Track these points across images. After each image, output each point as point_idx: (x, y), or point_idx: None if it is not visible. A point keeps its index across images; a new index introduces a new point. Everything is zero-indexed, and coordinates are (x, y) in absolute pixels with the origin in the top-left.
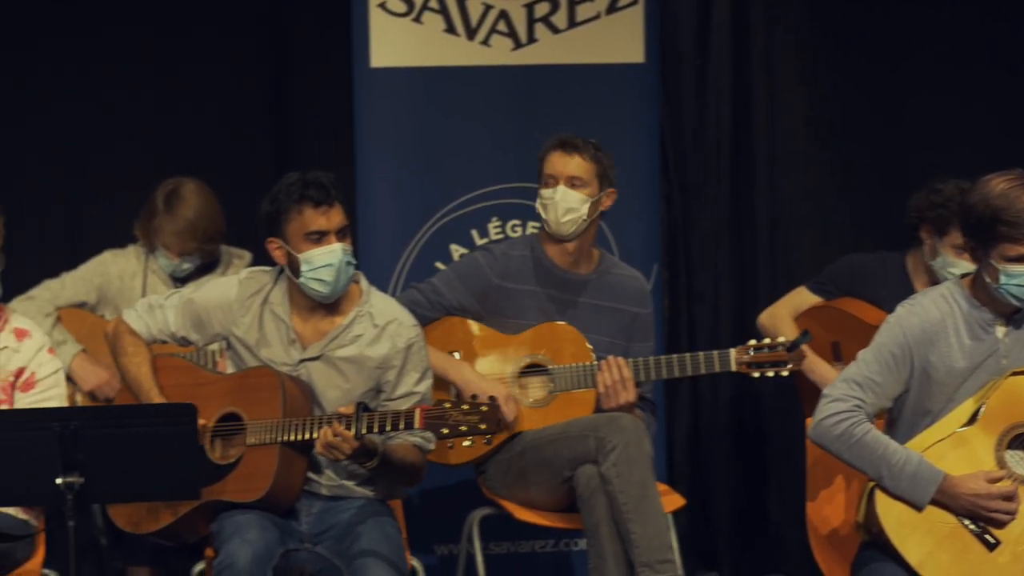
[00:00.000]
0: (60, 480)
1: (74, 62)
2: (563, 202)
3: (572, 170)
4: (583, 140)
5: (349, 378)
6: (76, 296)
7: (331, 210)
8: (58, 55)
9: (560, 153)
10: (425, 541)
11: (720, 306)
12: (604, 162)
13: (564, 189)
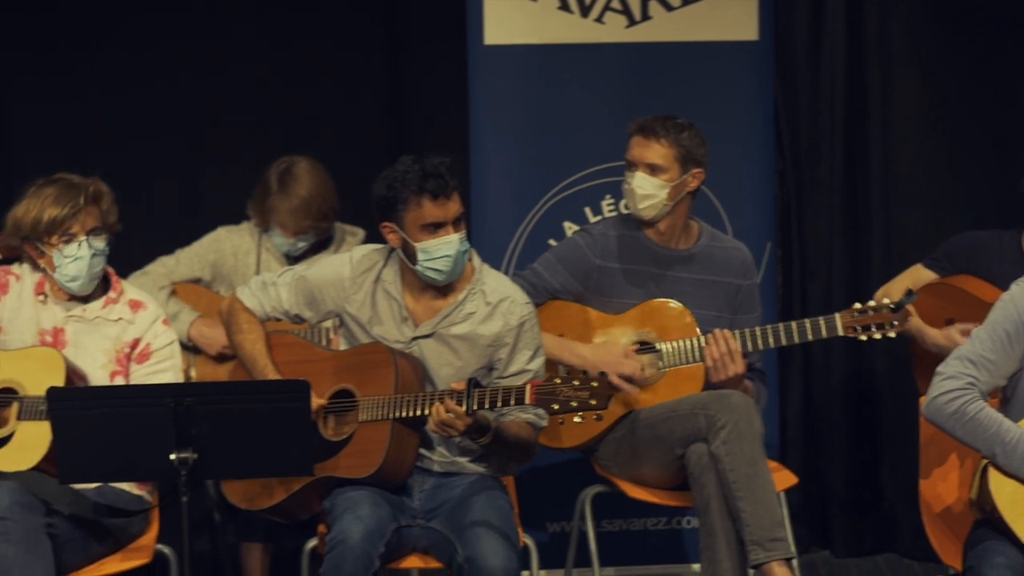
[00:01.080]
0: (174, 456)
1: (190, 35)
2: (640, 189)
3: (650, 156)
4: (664, 123)
5: (461, 356)
6: (190, 272)
7: (448, 202)
8: (175, 28)
9: (639, 138)
10: (537, 518)
11: (833, 283)
12: (687, 144)
13: (642, 175)
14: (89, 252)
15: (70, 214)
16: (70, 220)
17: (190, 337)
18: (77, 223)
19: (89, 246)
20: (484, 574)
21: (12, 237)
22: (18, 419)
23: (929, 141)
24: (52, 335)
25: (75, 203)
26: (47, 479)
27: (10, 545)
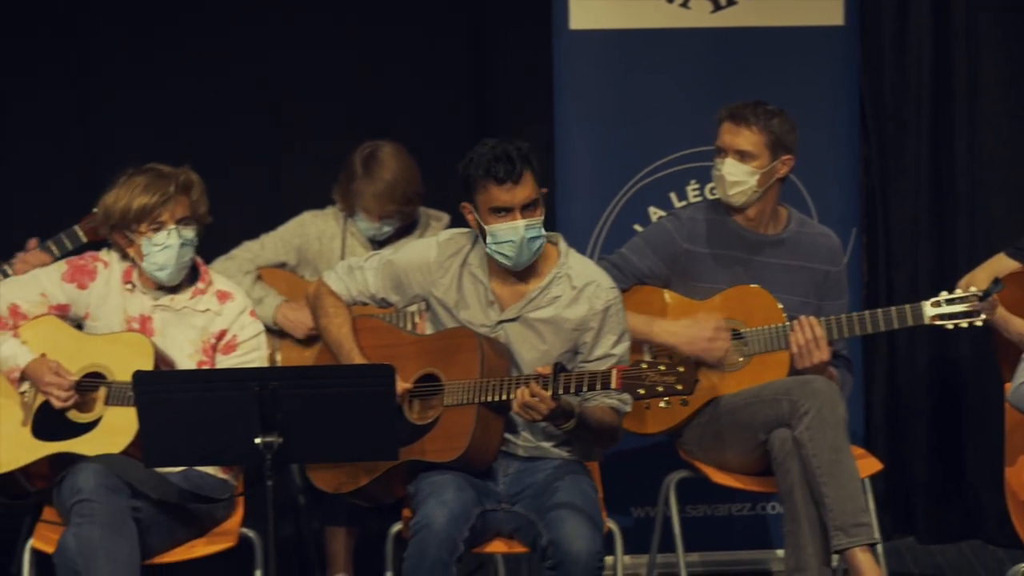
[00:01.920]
0: (259, 440)
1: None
2: (729, 175)
3: (740, 143)
4: (755, 109)
5: (546, 339)
6: (275, 257)
7: (516, 187)
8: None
9: (729, 125)
10: (622, 503)
11: (919, 270)
12: (777, 130)
13: (731, 162)
14: (178, 241)
15: (160, 202)
16: (160, 208)
17: (276, 321)
18: (167, 211)
19: (178, 235)
20: (568, 557)
21: (102, 225)
22: (106, 404)
23: (1016, 127)
24: (139, 323)
25: (165, 191)
26: (133, 463)
27: (95, 527)
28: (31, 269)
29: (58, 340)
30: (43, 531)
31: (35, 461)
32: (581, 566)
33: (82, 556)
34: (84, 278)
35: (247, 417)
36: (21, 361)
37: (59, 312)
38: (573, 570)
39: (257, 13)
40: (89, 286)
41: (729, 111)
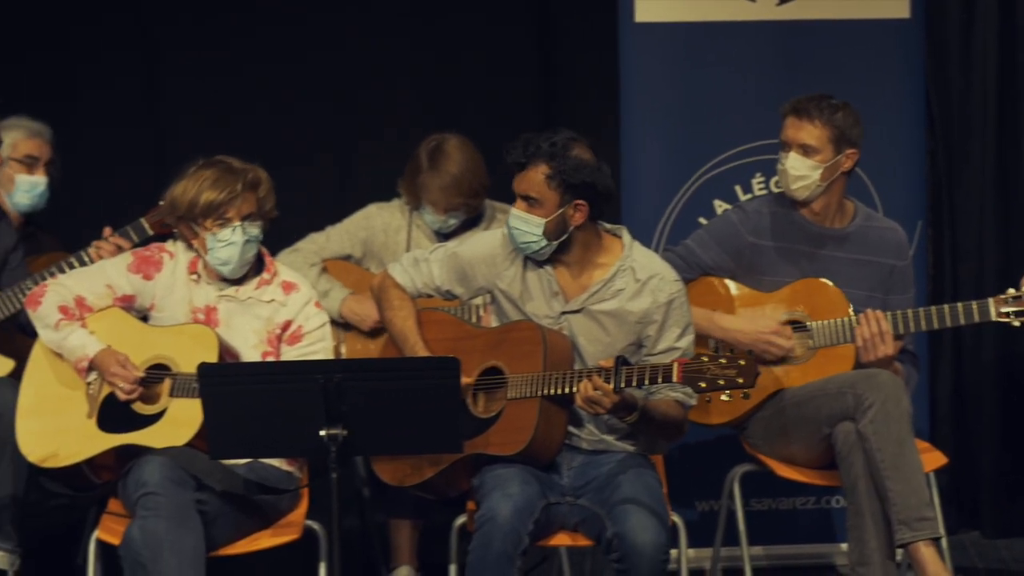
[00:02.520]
0: (324, 432)
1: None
2: (793, 170)
3: (803, 137)
4: (819, 103)
5: (610, 332)
6: (341, 249)
7: (520, 173)
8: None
9: (793, 119)
10: (686, 496)
11: (985, 263)
12: (841, 124)
13: (795, 156)
14: (242, 238)
15: (227, 199)
16: (226, 205)
17: (341, 314)
18: (233, 208)
19: (243, 232)
20: (633, 550)
21: (168, 214)
22: (170, 396)
23: None
24: (204, 314)
25: (232, 188)
26: (199, 455)
27: (161, 520)
28: (107, 256)
29: (123, 332)
30: (108, 523)
31: (100, 453)
32: (646, 559)
33: (147, 548)
34: (150, 269)
35: (312, 409)
36: (90, 351)
37: (124, 303)
38: (638, 563)
39: (327, 2)
40: (155, 277)
41: (793, 105)
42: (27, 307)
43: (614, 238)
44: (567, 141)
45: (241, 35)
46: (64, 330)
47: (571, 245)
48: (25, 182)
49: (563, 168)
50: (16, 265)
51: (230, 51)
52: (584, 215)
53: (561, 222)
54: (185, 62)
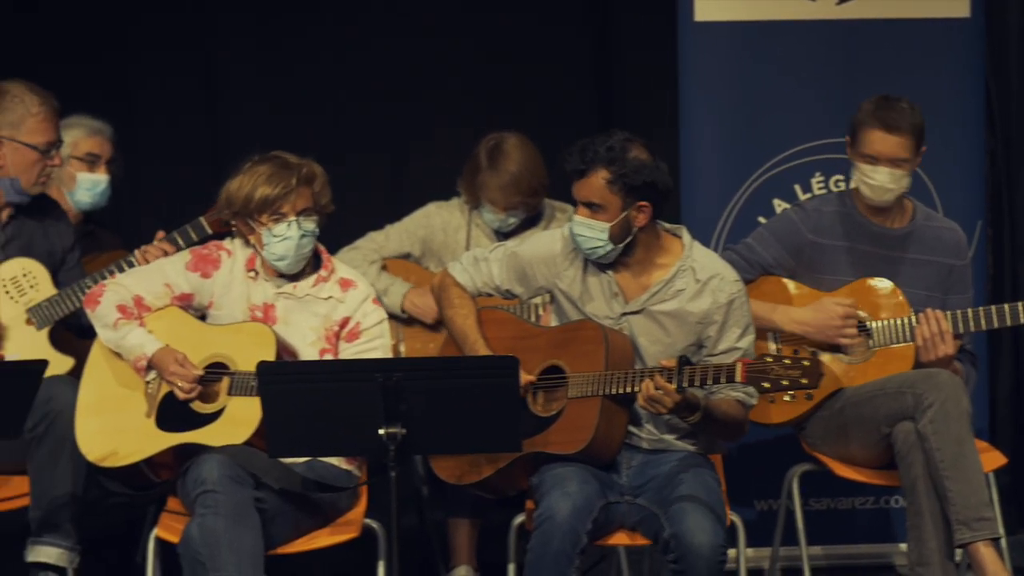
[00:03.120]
0: (383, 431)
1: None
2: (887, 183)
3: (896, 151)
4: (901, 111)
5: (670, 332)
6: (400, 247)
7: (579, 181)
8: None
9: (882, 133)
10: (744, 496)
11: None
12: (921, 127)
13: (886, 171)
14: (298, 233)
15: (281, 194)
16: (281, 200)
17: (404, 309)
18: (288, 203)
19: (299, 227)
20: (691, 550)
21: (224, 210)
22: (228, 394)
23: None
24: (262, 311)
25: (287, 183)
26: (257, 453)
27: (219, 518)
28: (155, 260)
29: (181, 331)
30: (168, 521)
31: (159, 452)
32: (704, 560)
33: (206, 547)
34: (208, 267)
35: (371, 408)
36: (148, 350)
37: (183, 302)
38: (696, 564)
39: (385, 1)
40: (213, 275)
41: (879, 118)
42: (86, 306)
43: (674, 238)
44: (624, 143)
45: (298, 32)
46: (122, 329)
47: (634, 246)
48: (86, 180)
49: (623, 171)
50: (73, 265)
51: (287, 48)
52: (647, 216)
53: (625, 225)
54: (242, 60)
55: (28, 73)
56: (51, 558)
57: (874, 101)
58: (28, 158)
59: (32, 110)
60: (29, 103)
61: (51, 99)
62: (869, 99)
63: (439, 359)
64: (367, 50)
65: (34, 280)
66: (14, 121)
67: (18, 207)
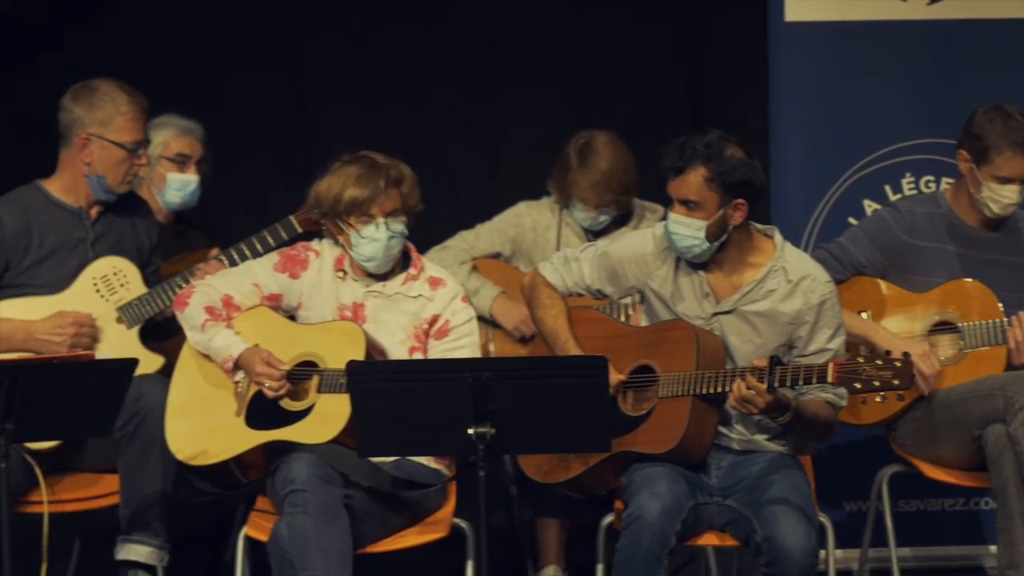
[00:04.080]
0: (472, 430)
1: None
2: (1015, 199)
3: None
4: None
5: (761, 333)
6: (490, 247)
7: (675, 179)
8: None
9: (1011, 154)
10: (834, 497)
11: None
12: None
13: (1017, 188)
14: (386, 235)
15: (370, 196)
16: (369, 202)
17: (491, 313)
18: (376, 205)
19: (387, 228)
20: (783, 554)
21: (313, 210)
22: (318, 392)
23: None
24: (352, 310)
25: (376, 185)
26: (346, 452)
27: (308, 517)
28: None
29: (270, 330)
30: (257, 520)
31: (248, 450)
32: (796, 563)
33: (295, 545)
34: (296, 268)
35: (460, 407)
36: (234, 351)
37: (272, 302)
38: (788, 566)
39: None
40: (301, 275)
41: (1015, 141)
42: (175, 309)
43: (766, 238)
44: (720, 141)
45: (388, 31)
46: (210, 331)
47: (727, 245)
48: (176, 180)
49: (721, 169)
50: (155, 267)
51: (377, 47)
52: (744, 214)
53: (721, 223)
54: (332, 55)
55: (119, 71)
56: (141, 556)
57: (997, 120)
58: (115, 156)
59: (121, 109)
60: (118, 102)
61: (140, 98)
62: (985, 113)
63: (528, 358)
64: (457, 49)
65: (124, 279)
66: (103, 119)
67: (106, 205)
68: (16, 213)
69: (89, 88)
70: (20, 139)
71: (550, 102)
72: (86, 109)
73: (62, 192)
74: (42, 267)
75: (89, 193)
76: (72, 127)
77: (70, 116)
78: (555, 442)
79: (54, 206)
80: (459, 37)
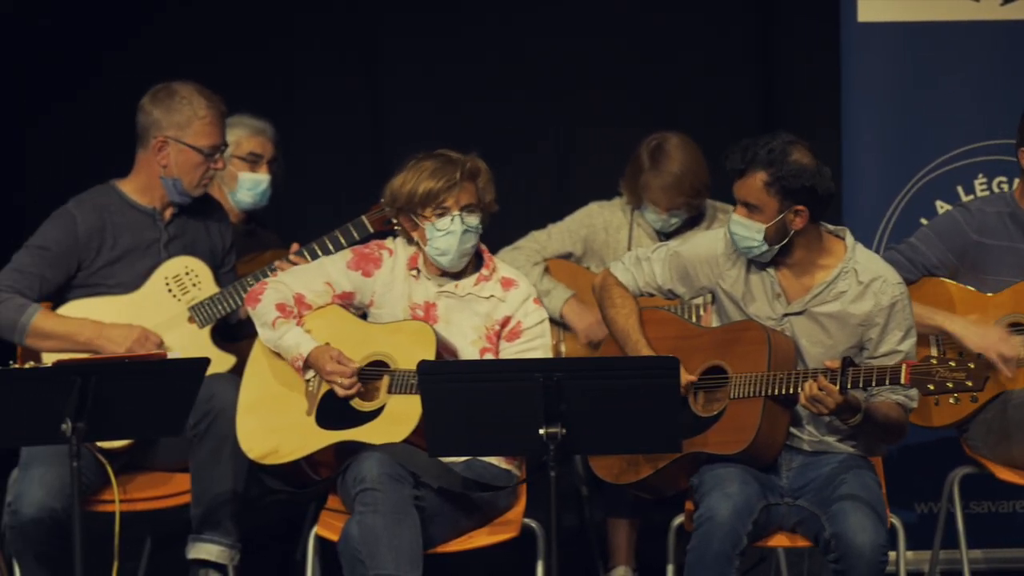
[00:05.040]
0: (543, 430)
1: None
2: None
3: None
4: None
5: (832, 334)
6: (562, 247)
7: (739, 179)
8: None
9: None
10: (905, 498)
11: None
12: None
13: None
14: (461, 228)
15: (445, 187)
16: (445, 194)
17: (562, 315)
18: (451, 197)
19: (462, 221)
20: (852, 551)
21: (388, 207)
22: (388, 392)
23: None
24: (423, 310)
25: (451, 177)
26: (417, 452)
27: (378, 516)
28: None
29: (342, 329)
30: (327, 519)
31: (319, 450)
32: (865, 560)
33: (365, 545)
34: (369, 266)
35: (531, 407)
36: (304, 349)
37: (344, 300)
38: (857, 564)
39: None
40: (374, 274)
41: None
42: (247, 304)
43: (837, 239)
44: (785, 146)
45: (461, 30)
46: (280, 328)
47: (793, 248)
48: (248, 180)
49: (781, 175)
50: (229, 268)
51: (450, 46)
52: (804, 220)
53: (781, 227)
54: (405, 55)
55: (193, 71)
56: (212, 555)
57: None
58: (192, 160)
59: (199, 113)
60: (196, 105)
61: (218, 102)
62: None
63: (600, 359)
64: (529, 49)
65: (197, 279)
66: (180, 123)
67: (180, 206)
68: (90, 213)
69: (168, 91)
70: (95, 138)
71: (622, 102)
72: (164, 112)
73: (137, 193)
74: (115, 267)
75: (164, 195)
76: (150, 129)
77: (148, 118)
78: (626, 443)
79: (128, 207)
80: (531, 37)
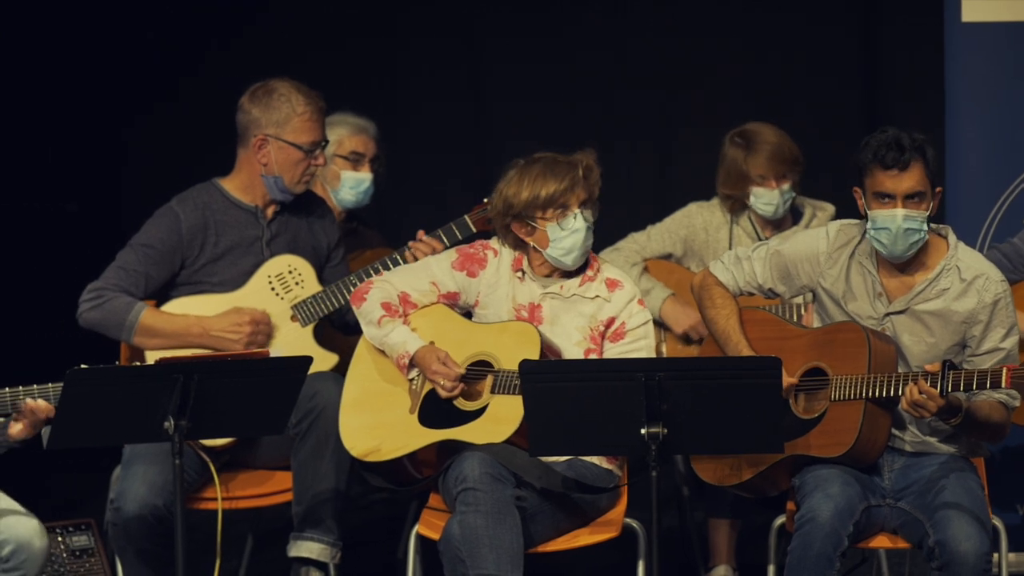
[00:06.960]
0: (644, 430)
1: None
2: None
3: None
4: None
5: (934, 332)
6: (662, 248)
7: (901, 175)
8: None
9: None
10: (1007, 500)
11: None
12: None
13: None
14: (584, 225)
15: (568, 187)
16: (568, 194)
17: (661, 315)
18: (573, 196)
19: (583, 219)
20: (956, 558)
21: (501, 216)
22: (491, 393)
23: None
24: (528, 311)
25: (573, 176)
26: (518, 452)
27: (480, 515)
28: (423, 257)
29: (446, 329)
30: (428, 518)
31: (421, 448)
32: (969, 567)
33: (466, 544)
34: (474, 266)
35: (633, 407)
36: (411, 348)
37: (448, 300)
38: (961, 571)
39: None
40: (479, 274)
41: None
42: (352, 303)
43: (939, 237)
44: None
45: (564, 26)
46: (386, 327)
47: None
48: (351, 179)
49: (932, 157)
50: (338, 262)
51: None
52: (939, 200)
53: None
54: (508, 53)
55: (296, 68)
56: (313, 553)
57: None
58: (292, 157)
59: (298, 109)
60: (295, 102)
61: (317, 99)
62: None
63: (701, 359)
64: (633, 47)
65: (299, 277)
66: (279, 120)
67: (283, 204)
68: (193, 211)
69: (267, 89)
70: (197, 136)
71: (723, 102)
72: (263, 110)
73: (239, 191)
74: (218, 265)
75: (265, 193)
76: (249, 127)
77: (247, 117)
78: (728, 443)
79: (231, 205)
80: (633, 35)
